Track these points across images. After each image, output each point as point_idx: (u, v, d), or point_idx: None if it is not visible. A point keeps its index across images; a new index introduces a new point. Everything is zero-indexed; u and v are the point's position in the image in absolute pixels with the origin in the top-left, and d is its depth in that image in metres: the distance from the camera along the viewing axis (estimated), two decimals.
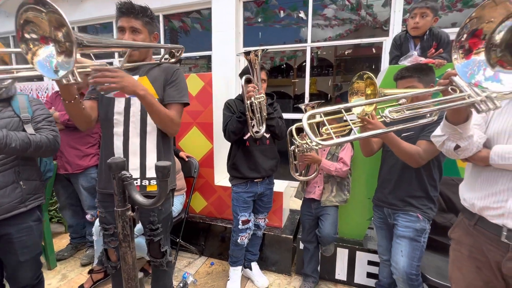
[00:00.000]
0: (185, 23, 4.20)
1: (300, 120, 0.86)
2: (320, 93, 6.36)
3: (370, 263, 1.87)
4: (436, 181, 1.36)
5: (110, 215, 1.29)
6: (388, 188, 1.45)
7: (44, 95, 3.98)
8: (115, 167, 0.72)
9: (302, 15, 3.52)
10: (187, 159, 2.34)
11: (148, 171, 1.27)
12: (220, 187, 2.39)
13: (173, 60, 1.41)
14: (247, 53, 1.50)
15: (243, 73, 1.67)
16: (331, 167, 1.69)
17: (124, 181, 0.72)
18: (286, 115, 2.68)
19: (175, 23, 4.23)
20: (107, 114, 1.26)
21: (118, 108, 1.24)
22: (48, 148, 1.30)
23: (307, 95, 3.62)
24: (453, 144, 0.88)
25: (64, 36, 0.73)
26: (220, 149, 2.41)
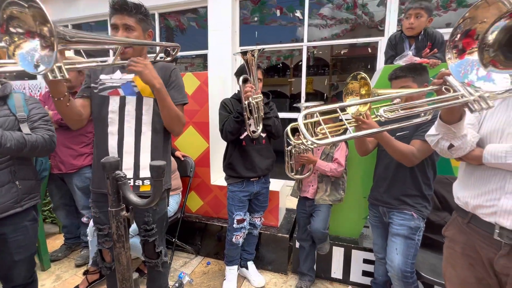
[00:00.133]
0: (181, 22, 4.18)
1: (296, 119, 0.86)
2: (316, 92, 6.38)
3: (365, 261, 1.88)
4: (430, 179, 1.38)
5: (104, 215, 1.28)
6: (383, 187, 1.46)
7: (37, 94, 3.92)
8: (109, 167, 0.71)
9: (298, 15, 3.52)
10: (183, 159, 2.33)
11: (141, 171, 1.25)
12: (216, 187, 2.38)
13: (168, 58, 1.39)
14: (244, 53, 1.49)
15: (238, 72, 1.66)
16: (326, 167, 1.70)
17: (118, 181, 0.72)
18: (282, 115, 2.68)
19: (171, 22, 4.20)
20: (100, 112, 1.24)
21: (112, 106, 1.23)
22: (44, 148, 1.28)
23: (303, 95, 3.62)
24: (447, 143, 0.89)
25: (48, 30, 0.72)
26: (216, 149, 2.40)
